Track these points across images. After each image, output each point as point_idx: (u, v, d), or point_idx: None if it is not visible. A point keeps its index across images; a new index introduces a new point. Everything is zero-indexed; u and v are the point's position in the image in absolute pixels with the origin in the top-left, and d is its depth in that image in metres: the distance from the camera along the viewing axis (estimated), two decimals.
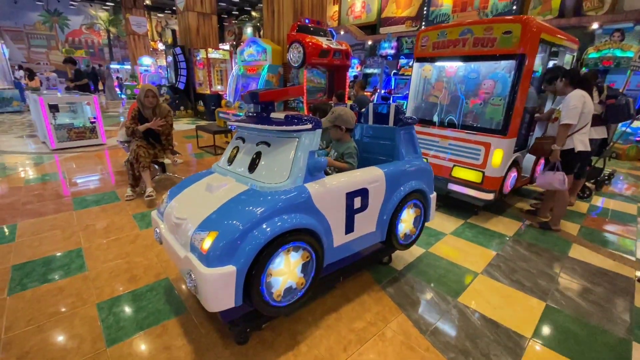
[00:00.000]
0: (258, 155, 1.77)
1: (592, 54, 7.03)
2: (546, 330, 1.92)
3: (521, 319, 2.00)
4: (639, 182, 5.01)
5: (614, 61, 6.75)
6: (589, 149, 3.01)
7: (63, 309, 1.96)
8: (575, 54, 3.72)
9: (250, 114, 1.91)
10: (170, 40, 10.10)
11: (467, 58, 3.18)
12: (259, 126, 1.72)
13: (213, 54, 9.57)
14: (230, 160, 1.95)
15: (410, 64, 11.66)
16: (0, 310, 1.95)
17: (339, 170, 2.16)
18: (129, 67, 17.15)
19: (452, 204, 3.63)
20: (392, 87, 12.03)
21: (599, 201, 4.13)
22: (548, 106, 3.70)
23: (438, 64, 3.51)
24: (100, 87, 14.17)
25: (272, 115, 1.77)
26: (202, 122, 8.88)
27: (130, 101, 12.70)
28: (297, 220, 1.55)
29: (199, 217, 1.55)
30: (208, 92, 9.61)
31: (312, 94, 5.96)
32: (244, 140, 1.97)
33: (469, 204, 3.41)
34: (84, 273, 2.33)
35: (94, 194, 3.84)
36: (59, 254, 2.57)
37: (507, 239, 3.03)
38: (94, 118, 6.09)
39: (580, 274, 2.51)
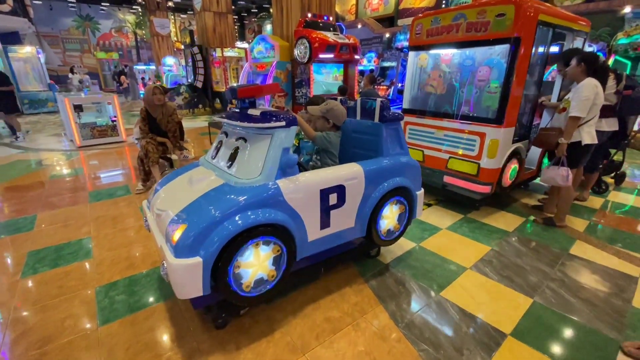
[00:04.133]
0: (236, 150, 1.85)
1: (621, 39, 6.55)
2: (528, 327, 1.88)
3: (503, 315, 1.96)
4: None
5: None
6: (596, 141, 2.85)
7: (66, 292, 2.15)
8: (586, 37, 3.50)
9: (232, 110, 1.99)
10: (188, 40, 10.41)
11: (461, 44, 3.09)
12: (235, 122, 1.80)
13: (229, 52, 9.80)
14: (215, 154, 2.04)
15: None
16: (12, 290, 2.17)
17: (320, 164, 2.21)
18: (154, 67, 17.90)
19: (453, 199, 3.56)
20: None
21: (616, 197, 3.89)
22: (555, 92, 3.53)
23: (433, 52, 3.43)
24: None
25: (251, 111, 1.84)
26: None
27: None
28: (266, 215, 1.61)
29: (175, 210, 1.65)
30: (224, 89, 9.87)
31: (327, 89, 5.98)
32: (227, 135, 2.05)
33: (471, 199, 3.33)
34: (89, 260, 2.52)
35: (109, 187, 4.11)
36: (70, 242, 2.80)
37: (506, 234, 2.94)
38: (114, 117, 6.45)
39: (578, 272, 2.41)
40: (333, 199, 1.89)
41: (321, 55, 5.50)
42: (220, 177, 1.81)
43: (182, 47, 11.39)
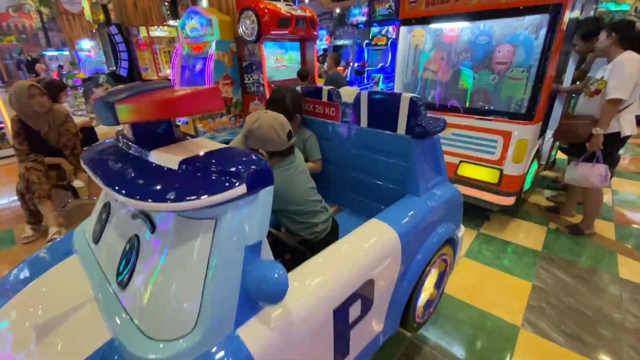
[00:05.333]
0: (133, 247, 0.87)
1: None
2: None
3: None
4: None
5: None
6: (636, 132, 2.30)
7: None
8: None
9: (116, 140, 0.99)
10: (102, 18, 8.48)
11: (475, 16, 2.31)
12: (117, 194, 0.79)
13: (157, 32, 8.14)
14: (100, 234, 1.03)
15: (384, 31, 10.64)
16: None
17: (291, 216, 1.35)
18: (68, 53, 15.00)
19: None
20: (366, 60, 11.05)
21: (622, 186, 3.53)
22: (569, 73, 2.95)
23: (433, 26, 2.62)
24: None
25: (158, 156, 0.85)
26: None
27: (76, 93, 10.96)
28: None
29: None
30: (156, 77, 8.26)
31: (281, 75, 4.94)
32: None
33: (478, 207, 2.67)
34: None
35: None
36: None
37: (537, 256, 2.33)
38: (0, 122, 4.81)
39: None
40: (355, 311, 1.03)
41: (273, 32, 4.43)
42: (105, 311, 0.85)
43: (97, 27, 9.32)
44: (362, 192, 1.74)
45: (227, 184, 0.72)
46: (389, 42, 10.31)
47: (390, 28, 10.39)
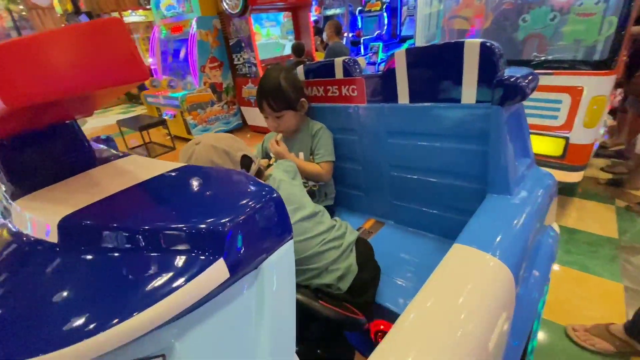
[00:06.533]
0: None
1: None
2: None
3: None
4: None
5: None
6: None
7: None
8: None
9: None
10: (70, 7, 7.73)
11: None
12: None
13: (132, 17, 7.42)
14: None
15: None
16: None
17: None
18: None
19: None
20: (360, 28, 10.28)
21: None
22: None
23: None
24: None
25: (24, 205, 0.41)
26: (137, 110, 7.07)
27: None
28: None
29: None
30: None
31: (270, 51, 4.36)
32: None
33: None
34: None
35: None
36: None
37: (616, 245, 1.90)
38: None
39: None
40: None
41: (261, 1, 3.82)
42: None
43: (65, 18, 8.55)
44: (409, 197, 1.28)
45: (179, 270, 0.32)
46: (384, 7, 9.54)
47: None
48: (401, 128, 1.18)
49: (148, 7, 8.11)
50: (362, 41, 9.43)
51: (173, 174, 0.47)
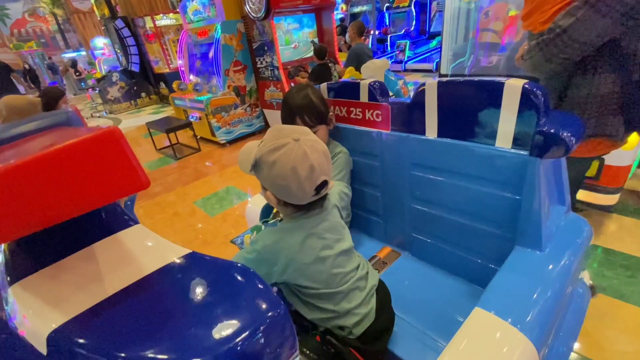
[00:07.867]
0: None
1: None
2: None
3: None
4: None
5: None
6: None
7: None
8: None
9: None
10: (107, 12, 8.13)
11: None
12: None
13: (163, 21, 7.70)
14: None
15: None
16: None
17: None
18: (85, 53, 15.03)
19: None
20: (388, 26, 10.04)
21: None
22: None
23: None
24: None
25: (18, 293, 0.42)
26: (166, 111, 7.35)
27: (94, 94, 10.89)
28: None
29: None
30: (167, 70, 7.92)
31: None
32: None
33: None
34: None
35: None
36: None
37: None
38: None
39: None
40: None
41: (284, 4, 3.83)
42: None
43: (102, 23, 9.01)
44: (430, 231, 1.22)
45: None
46: (412, 2, 9.24)
47: None
48: (427, 161, 1.11)
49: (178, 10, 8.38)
50: (389, 38, 9.20)
51: (176, 272, 0.44)
